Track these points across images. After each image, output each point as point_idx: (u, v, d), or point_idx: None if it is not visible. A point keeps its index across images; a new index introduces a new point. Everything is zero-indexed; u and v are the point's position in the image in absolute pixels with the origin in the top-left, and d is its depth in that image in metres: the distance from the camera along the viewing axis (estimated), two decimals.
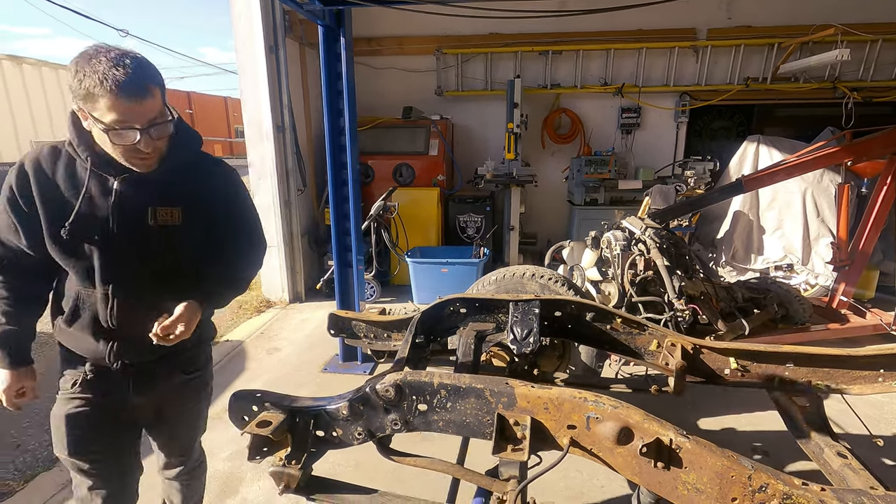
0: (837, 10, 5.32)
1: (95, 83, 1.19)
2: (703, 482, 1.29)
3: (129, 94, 1.21)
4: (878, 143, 3.73)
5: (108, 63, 1.19)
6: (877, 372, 2.15)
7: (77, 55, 1.22)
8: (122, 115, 1.23)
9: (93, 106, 1.22)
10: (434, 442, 2.57)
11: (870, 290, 4.71)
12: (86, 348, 1.44)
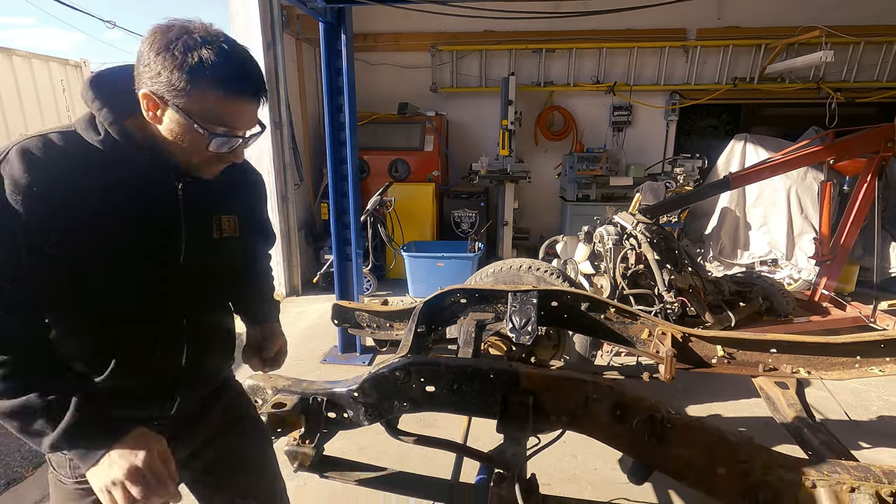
0: (823, 11, 5.47)
1: (207, 69, 0.91)
2: (693, 455, 1.39)
3: (248, 94, 0.98)
4: (858, 143, 3.87)
5: (221, 46, 0.93)
6: (854, 358, 2.28)
7: (163, 26, 0.92)
8: (234, 116, 0.98)
9: (192, 97, 0.92)
10: (439, 429, 2.67)
11: (850, 284, 4.89)
12: (129, 406, 1.05)
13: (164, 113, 0.95)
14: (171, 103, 0.93)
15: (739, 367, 2.36)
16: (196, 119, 0.94)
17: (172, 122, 0.95)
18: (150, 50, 0.91)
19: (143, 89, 0.93)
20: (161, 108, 0.94)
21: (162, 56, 0.90)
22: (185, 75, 0.90)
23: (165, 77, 0.90)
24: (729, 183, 3.87)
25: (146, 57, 0.91)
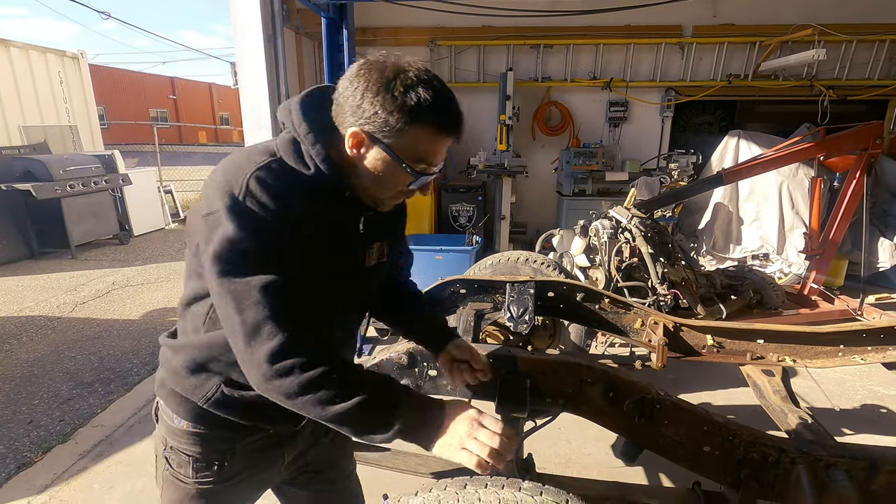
0: (816, 10, 5.54)
1: (425, 110, 0.90)
2: (680, 434, 1.48)
3: (455, 133, 0.97)
4: (848, 140, 3.96)
5: (433, 84, 0.93)
6: (837, 347, 2.37)
7: (377, 64, 0.92)
8: (437, 154, 0.98)
9: (405, 137, 0.92)
10: None
11: (839, 278, 5.00)
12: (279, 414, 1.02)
13: (370, 150, 0.95)
14: (382, 142, 0.93)
15: (728, 356, 2.45)
16: (404, 158, 0.94)
17: (377, 160, 0.95)
18: (366, 90, 0.90)
19: (353, 128, 0.92)
20: (367, 145, 0.94)
21: (381, 97, 0.89)
22: (403, 116, 0.89)
23: (382, 118, 0.89)
24: (722, 178, 3.95)
25: (359, 96, 0.90)
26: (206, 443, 1.08)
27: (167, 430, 1.10)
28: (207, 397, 1.03)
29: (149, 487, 2.34)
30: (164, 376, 1.10)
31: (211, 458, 1.09)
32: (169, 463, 1.11)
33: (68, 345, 3.94)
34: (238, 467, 1.12)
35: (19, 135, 7.51)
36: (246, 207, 0.86)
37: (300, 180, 0.94)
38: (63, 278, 5.68)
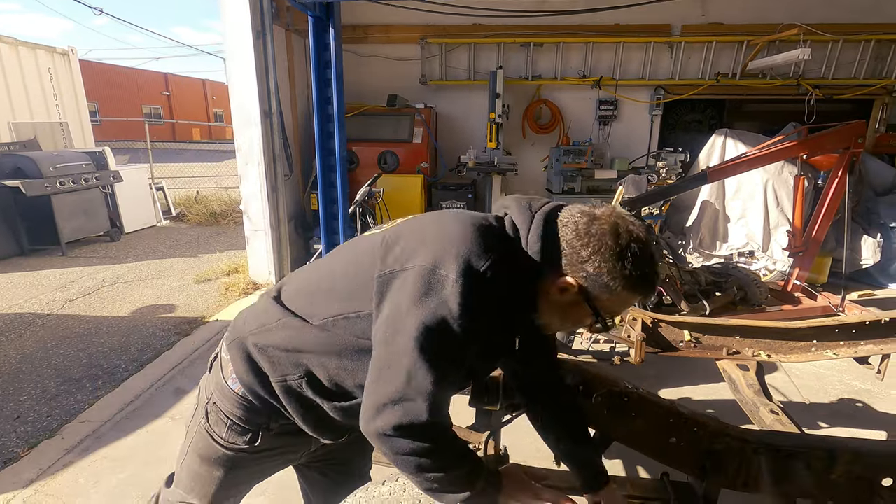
0: (803, 10, 5.59)
1: (641, 284, 0.98)
2: (648, 426, 1.52)
3: (649, 295, 1.06)
4: (831, 139, 4.02)
5: (655, 257, 1.00)
6: (810, 342, 2.43)
7: (612, 225, 0.94)
8: (623, 310, 1.13)
9: (612, 296, 0.97)
10: None
11: (823, 275, 5.07)
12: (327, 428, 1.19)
13: (572, 295, 0.98)
14: (590, 298, 0.98)
15: (705, 351, 2.50)
16: (602, 311, 1.00)
17: (574, 305, 1.01)
18: (597, 253, 0.94)
19: (570, 276, 0.97)
20: (572, 291, 0.98)
21: (611, 264, 0.93)
22: (621, 283, 0.94)
23: (605, 282, 0.95)
24: (707, 176, 4.00)
25: (586, 255, 0.95)
26: (248, 413, 1.12)
27: (217, 386, 1.15)
28: (284, 379, 1.06)
29: (133, 481, 2.37)
30: (248, 335, 1.10)
31: (248, 427, 1.14)
32: (207, 417, 1.17)
33: (57, 341, 3.95)
34: (269, 443, 1.16)
35: (9, 131, 7.47)
36: (481, 290, 0.89)
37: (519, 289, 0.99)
38: (53, 275, 5.68)
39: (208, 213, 8.92)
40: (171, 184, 9.88)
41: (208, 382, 1.20)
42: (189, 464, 1.25)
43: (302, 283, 1.17)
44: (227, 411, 1.13)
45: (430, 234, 0.96)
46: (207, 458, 1.20)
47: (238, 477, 1.24)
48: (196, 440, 1.21)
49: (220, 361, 1.17)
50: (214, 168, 12.41)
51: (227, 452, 1.16)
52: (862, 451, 1.46)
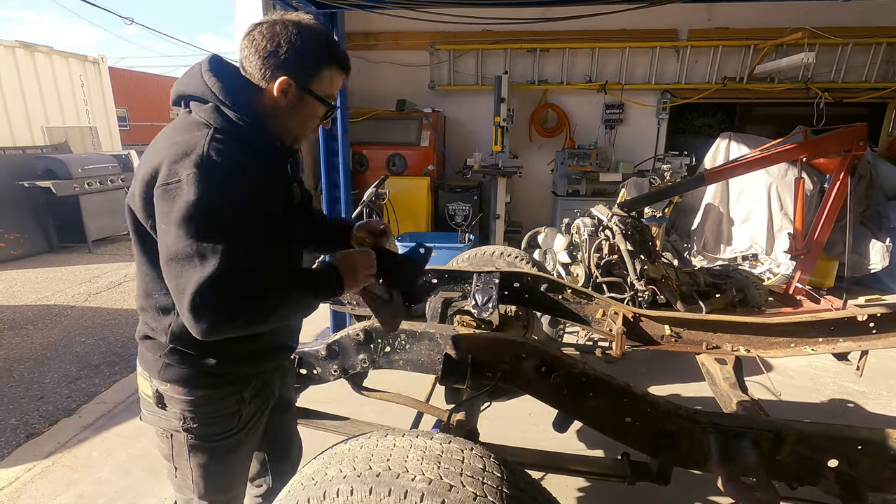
0: (810, 13, 5.57)
1: (324, 52, 1.13)
2: (604, 405, 1.62)
3: (348, 68, 1.20)
4: (831, 141, 4.02)
5: (325, 30, 1.13)
6: (789, 338, 2.47)
7: (275, 19, 1.10)
8: (338, 90, 1.21)
9: (312, 77, 1.13)
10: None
11: (829, 279, 5.03)
12: (272, 352, 1.35)
13: (292, 91, 1.13)
14: (302, 83, 1.12)
15: (685, 345, 2.56)
16: (317, 94, 1.15)
17: (300, 101, 1.14)
18: (282, 38, 1.08)
19: (277, 77, 1.10)
20: (291, 88, 1.12)
21: (292, 42, 1.08)
22: (307, 55, 1.11)
23: (294, 61, 1.10)
24: (704, 178, 4.05)
25: (270, 44, 1.08)
26: (222, 400, 1.25)
27: (182, 408, 1.22)
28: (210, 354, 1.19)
29: (141, 456, 2.55)
30: (166, 362, 1.20)
31: (230, 410, 1.27)
32: (192, 434, 1.25)
33: (79, 331, 4.21)
34: (251, 411, 1.32)
35: (42, 135, 7.90)
36: (208, 173, 1.00)
37: (242, 142, 1.09)
38: (79, 271, 5.99)
39: None
40: None
41: (167, 417, 1.25)
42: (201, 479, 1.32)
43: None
44: (207, 413, 1.24)
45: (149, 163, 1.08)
46: (214, 458, 1.29)
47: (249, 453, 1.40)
48: (194, 459, 1.28)
49: (163, 395, 1.23)
50: None
51: (226, 442, 1.29)
52: (808, 433, 1.53)
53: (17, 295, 5.10)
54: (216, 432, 1.27)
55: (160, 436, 1.30)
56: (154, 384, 1.24)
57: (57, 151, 7.28)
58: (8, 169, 6.44)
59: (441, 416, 1.84)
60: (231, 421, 1.28)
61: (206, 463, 1.29)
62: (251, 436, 1.36)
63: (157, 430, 1.30)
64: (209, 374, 1.22)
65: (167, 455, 1.31)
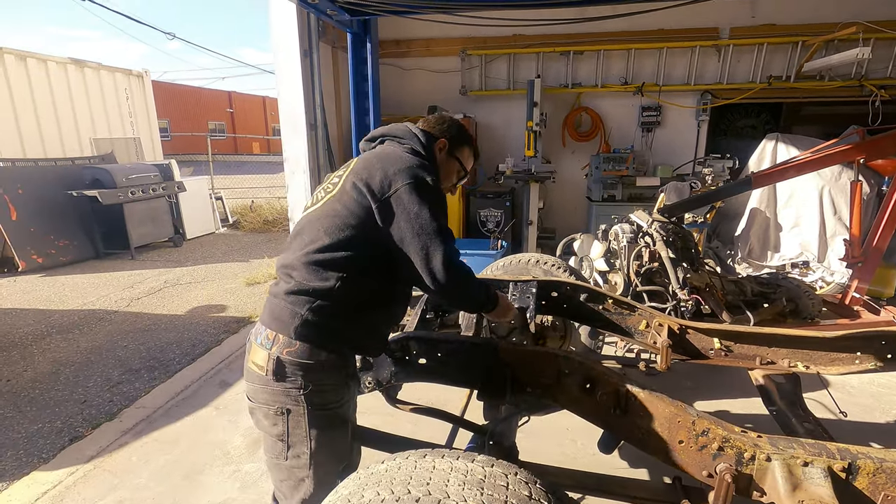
0: (864, 7, 5.27)
1: (466, 138, 1.74)
2: (655, 426, 1.51)
3: (478, 155, 1.86)
4: (890, 141, 3.76)
5: (468, 130, 1.83)
6: (853, 354, 2.29)
7: (444, 114, 1.93)
8: (470, 165, 1.79)
9: (457, 148, 1.70)
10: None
11: (889, 288, 4.70)
12: (380, 339, 1.61)
13: (444, 151, 1.67)
14: (452, 149, 1.69)
15: (736, 360, 2.41)
16: (462, 161, 1.73)
17: (447, 159, 1.69)
18: (446, 125, 1.70)
19: (440, 138, 1.67)
20: (444, 148, 1.67)
21: (457, 127, 1.72)
22: (457, 137, 1.71)
23: (453, 134, 1.69)
24: (751, 182, 3.85)
25: (445, 126, 1.70)
26: (339, 368, 1.42)
27: (303, 374, 1.34)
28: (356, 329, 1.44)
29: (178, 462, 2.58)
30: (307, 318, 1.35)
31: (342, 381, 1.44)
32: (310, 403, 1.36)
33: (122, 335, 4.33)
34: (353, 388, 1.52)
35: (90, 146, 8.27)
36: (434, 181, 1.48)
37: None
38: (122, 277, 6.21)
39: (261, 221, 9.44)
40: (229, 194, 10.54)
41: (282, 388, 1.35)
42: (319, 450, 1.40)
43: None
44: (326, 381, 1.39)
45: (386, 168, 1.44)
46: (331, 426, 1.42)
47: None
48: (316, 425, 1.37)
49: (285, 363, 1.35)
50: (270, 179, 13.10)
51: (339, 410, 1.43)
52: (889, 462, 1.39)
53: (65, 300, 5.31)
54: (332, 400, 1.40)
55: (271, 417, 1.37)
56: (275, 352, 1.34)
57: (103, 161, 7.60)
58: (58, 179, 6.76)
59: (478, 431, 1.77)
60: (343, 391, 1.44)
61: (323, 432, 1.38)
62: (352, 413, 1.51)
63: (268, 411, 1.37)
64: (337, 338, 1.40)
65: (280, 434, 1.38)
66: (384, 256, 1.44)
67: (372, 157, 1.53)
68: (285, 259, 1.47)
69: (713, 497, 1.47)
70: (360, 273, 1.41)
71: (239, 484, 2.42)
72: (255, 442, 2.75)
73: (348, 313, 1.41)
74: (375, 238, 1.42)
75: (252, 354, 1.40)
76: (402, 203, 1.39)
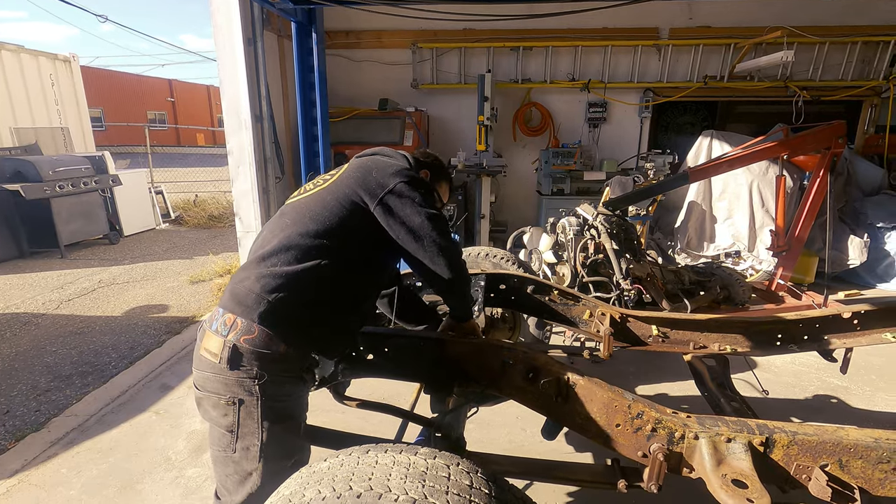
0: (789, 12, 5.65)
1: (445, 173, 1.89)
2: (594, 411, 1.58)
3: (454, 187, 1.99)
4: (811, 139, 4.07)
5: (446, 167, 1.97)
6: (775, 336, 2.46)
7: (429, 150, 1.96)
8: (447, 198, 1.92)
9: (437, 181, 1.84)
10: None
11: (810, 275, 5.09)
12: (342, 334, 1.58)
13: (428, 180, 1.77)
14: (434, 179, 1.82)
15: (672, 346, 2.54)
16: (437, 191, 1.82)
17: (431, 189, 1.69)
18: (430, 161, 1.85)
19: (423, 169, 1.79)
20: (426, 177, 1.77)
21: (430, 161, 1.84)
22: (437, 172, 1.85)
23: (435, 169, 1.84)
24: (688, 176, 4.06)
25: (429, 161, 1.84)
26: (297, 360, 1.39)
27: (259, 364, 1.29)
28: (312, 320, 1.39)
29: (113, 471, 2.44)
30: (272, 304, 1.31)
31: (299, 373, 1.42)
32: (264, 394, 1.31)
33: (50, 340, 4.04)
34: (309, 382, 1.50)
35: (10, 136, 7.62)
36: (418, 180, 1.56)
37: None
38: (51, 277, 5.78)
39: (206, 217, 9.04)
40: (171, 188, 10.01)
41: (236, 378, 1.30)
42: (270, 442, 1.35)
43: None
44: (283, 370, 1.35)
45: (381, 169, 1.52)
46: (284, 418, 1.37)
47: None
48: (269, 417, 1.33)
49: (241, 350, 1.30)
50: (215, 172, 12.55)
51: (291, 403, 1.40)
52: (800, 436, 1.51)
53: None
54: (287, 392, 1.37)
55: (221, 407, 1.32)
56: (231, 339, 1.29)
57: (26, 153, 7.02)
58: None
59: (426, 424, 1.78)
60: (298, 384, 1.42)
61: (276, 423, 1.34)
62: (304, 408, 1.49)
63: (219, 401, 1.32)
64: (300, 329, 1.36)
65: (229, 425, 1.33)
66: (365, 255, 1.49)
67: (367, 160, 1.62)
68: (262, 241, 1.46)
69: (647, 475, 1.55)
70: (338, 266, 1.41)
71: (181, 490, 2.32)
72: (198, 446, 2.65)
73: (317, 307, 1.39)
74: (363, 235, 1.46)
75: (205, 341, 1.35)
76: (399, 201, 1.46)
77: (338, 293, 1.43)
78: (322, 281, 1.39)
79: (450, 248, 1.50)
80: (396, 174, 1.50)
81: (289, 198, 1.64)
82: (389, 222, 1.47)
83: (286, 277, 1.34)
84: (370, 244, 1.50)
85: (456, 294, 1.64)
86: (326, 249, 1.40)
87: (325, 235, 1.41)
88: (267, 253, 1.39)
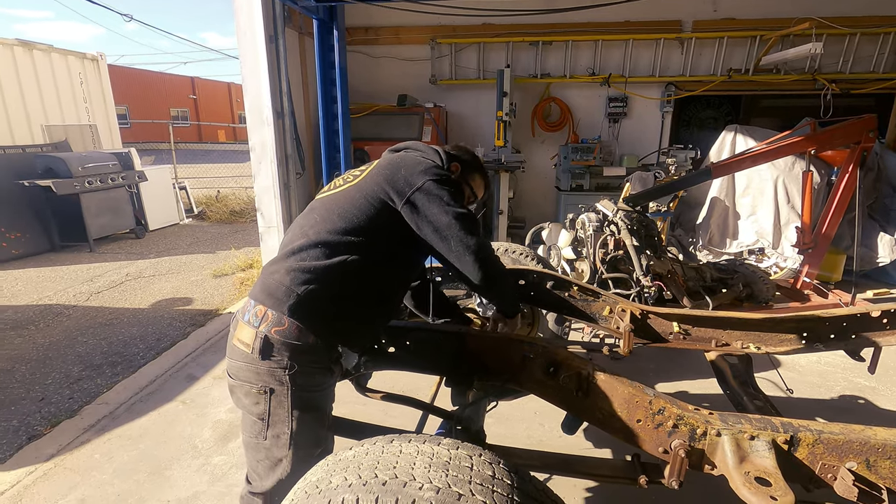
0: (818, 3, 5.49)
1: (479, 166, 1.84)
2: (614, 407, 1.58)
3: (489, 183, 2.01)
4: (840, 134, 3.96)
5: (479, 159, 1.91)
6: (800, 335, 2.42)
7: (462, 144, 1.90)
8: (480, 193, 1.88)
9: (468, 174, 1.78)
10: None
11: (836, 272, 4.97)
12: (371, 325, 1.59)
13: (458, 173, 1.72)
14: (464, 174, 1.75)
15: (694, 343, 2.51)
16: (472, 186, 1.80)
17: (461, 183, 1.73)
18: (463, 153, 1.80)
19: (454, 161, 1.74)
20: (457, 171, 1.72)
21: (461, 152, 1.79)
22: (469, 164, 1.79)
23: (466, 160, 1.78)
24: (710, 172, 3.99)
25: (461, 152, 1.80)
26: (325, 351, 1.41)
27: (290, 354, 1.33)
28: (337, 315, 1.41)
29: (143, 458, 2.53)
30: (302, 296, 1.35)
31: (328, 364, 1.43)
32: (294, 384, 1.34)
33: (81, 331, 4.18)
34: (337, 373, 1.51)
35: (42, 133, 7.86)
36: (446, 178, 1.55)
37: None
38: (81, 270, 5.97)
39: (228, 212, 9.21)
40: (194, 184, 10.22)
41: (267, 367, 1.33)
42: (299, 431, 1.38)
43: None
44: (314, 362, 1.38)
45: (409, 167, 1.51)
46: (313, 408, 1.41)
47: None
48: (298, 406, 1.36)
49: (273, 341, 1.34)
50: (236, 168, 12.76)
51: (322, 392, 1.44)
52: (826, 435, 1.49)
53: (18, 295, 5.08)
54: (317, 382, 1.41)
55: (253, 395, 1.36)
56: (263, 330, 1.32)
57: (57, 150, 7.24)
58: (8, 168, 6.41)
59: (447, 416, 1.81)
60: (328, 374, 1.44)
61: (305, 412, 1.38)
62: (332, 399, 1.52)
63: (251, 389, 1.35)
64: (327, 322, 1.38)
65: (261, 413, 1.37)
66: (393, 251, 1.49)
67: (395, 158, 1.61)
68: (291, 236, 1.50)
69: (668, 471, 1.55)
70: (365, 261, 1.43)
71: (208, 477, 2.40)
72: (224, 435, 2.72)
73: (343, 301, 1.42)
74: (391, 233, 1.47)
75: (238, 332, 1.39)
76: (427, 200, 1.45)
77: (363, 287, 1.45)
78: (348, 276, 1.41)
79: (478, 248, 1.49)
80: (425, 171, 1.49)
81: (319, 192, 1.66)
82: (416, 221, 1.47)
83: (315, 272, 1.38)
84: (398, 241, 1.50)
85: (492, 291, 1.65)
86: (354, 246, 1.42)
87: (353, 232, 1.43)
88: (297, 248, 1.42)
